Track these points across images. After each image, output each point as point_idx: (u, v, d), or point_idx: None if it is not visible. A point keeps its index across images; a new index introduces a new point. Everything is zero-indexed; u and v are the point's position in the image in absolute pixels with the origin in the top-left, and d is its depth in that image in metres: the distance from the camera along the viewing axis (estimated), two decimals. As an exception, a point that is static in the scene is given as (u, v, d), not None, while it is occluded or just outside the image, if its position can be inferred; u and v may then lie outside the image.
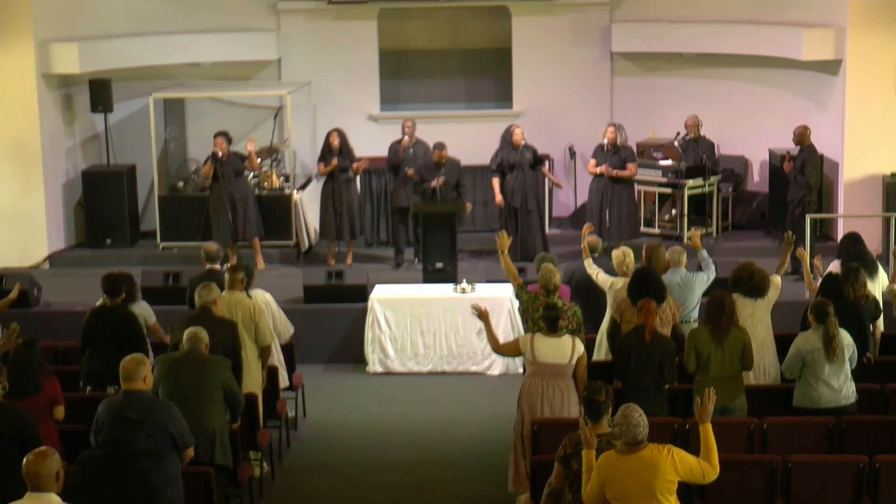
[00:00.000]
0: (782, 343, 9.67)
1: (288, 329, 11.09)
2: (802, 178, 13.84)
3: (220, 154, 14.33)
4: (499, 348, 9.55)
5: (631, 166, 14.70)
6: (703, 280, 10.65)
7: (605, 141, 14.61)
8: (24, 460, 6.04)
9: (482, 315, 9.40)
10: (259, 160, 15.22)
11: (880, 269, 10.77)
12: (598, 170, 14.59)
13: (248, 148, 14.75)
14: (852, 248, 10.75)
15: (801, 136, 14.02)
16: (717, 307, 9.05)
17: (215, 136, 14.57)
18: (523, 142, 14.48)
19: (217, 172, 14.39)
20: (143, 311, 10.38)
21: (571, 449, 7.22)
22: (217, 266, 11.19)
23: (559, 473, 7.28)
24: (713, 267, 10.72)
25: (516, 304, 12.13)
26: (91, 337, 9.79)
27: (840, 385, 8.91)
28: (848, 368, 8.97)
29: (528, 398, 9.02)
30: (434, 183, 14.12)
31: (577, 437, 7.23)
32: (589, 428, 7.15)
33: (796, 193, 13.94)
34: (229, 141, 14.62)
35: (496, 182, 14.68)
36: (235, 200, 14.54)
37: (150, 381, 7.57)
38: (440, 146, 14.28)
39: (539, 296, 9.83)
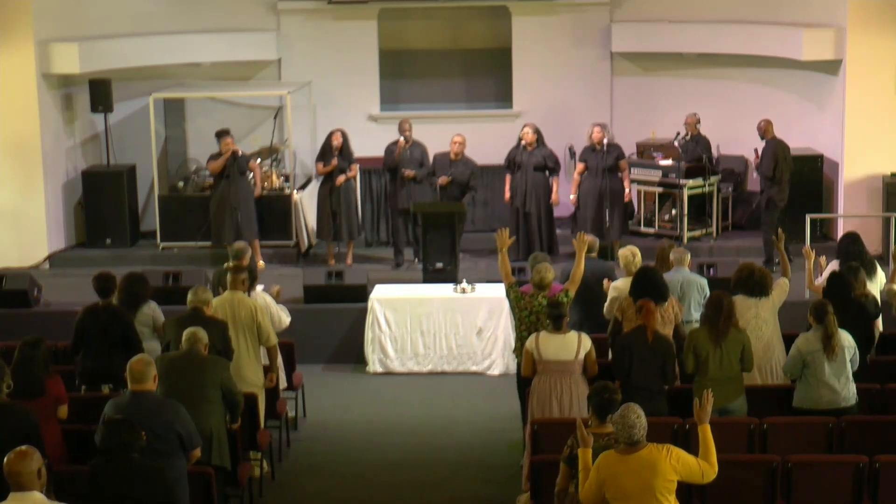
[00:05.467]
0: (785, 343, 9.67)
1: (284, 319, 10.68)
2: (762, 169, 13.94)
3: (240, 152, 14.40)
4: None
5: (623, 163, 14.80)
6: (703, 286, 10.63)
7: (606, 141, 14.60)
8: (5, 460, 5.95)
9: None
10: (262, 169, 15.26)
11: (878, 268, 10.77)
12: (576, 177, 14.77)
13: (253, 167, 14.86)
14: (851, 247, 10.76)
15: (764, 130, 14.12)
16: (716, 308, 9.03)
17: (224, 136, 14.53)
18: (532, 143, 14.48)
19: (227, 171, 14.40)
20: (153, 311, 10.27)
21: (576, 449, 7.22)
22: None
23: (564, 473, 7.27)
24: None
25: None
26: (83, 336, 9.77)
27: (840, 386, 8.89)
28: (849, 369, 8.95)
29: (538, 397, 9.03)
30: (439, 181, 14.20)
31: None
32: (593, 427, 7.17)
33: (762, 187, 14.04)
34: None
35: (507, 179, 14.76)
36: (240, 200, 14.55)
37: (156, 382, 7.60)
38: (457, 136, 14.53)
39: (525, 294, 9.82)
